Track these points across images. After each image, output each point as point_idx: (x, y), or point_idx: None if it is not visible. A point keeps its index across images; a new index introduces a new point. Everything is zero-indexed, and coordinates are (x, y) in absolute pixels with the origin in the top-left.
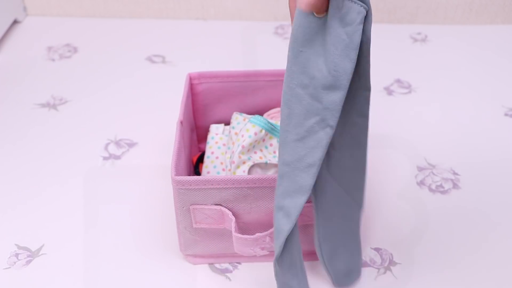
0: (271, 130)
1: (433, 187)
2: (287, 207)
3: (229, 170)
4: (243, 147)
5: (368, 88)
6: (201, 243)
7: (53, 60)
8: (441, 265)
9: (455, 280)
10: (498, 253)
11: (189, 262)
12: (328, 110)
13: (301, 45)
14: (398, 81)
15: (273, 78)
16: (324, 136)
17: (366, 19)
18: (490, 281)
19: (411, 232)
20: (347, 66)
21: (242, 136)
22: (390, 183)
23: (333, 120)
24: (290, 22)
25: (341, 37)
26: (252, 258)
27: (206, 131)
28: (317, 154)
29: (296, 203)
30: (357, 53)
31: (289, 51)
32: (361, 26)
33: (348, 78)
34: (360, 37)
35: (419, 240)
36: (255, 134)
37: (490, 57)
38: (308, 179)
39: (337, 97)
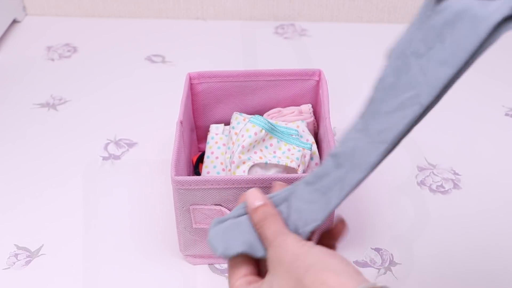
0: (271, 130)
1: (434, 187)
2: (344, 178)
3: (229, 170)
4: (243, 147)
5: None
6: (201, 243)
7: (52, 60)
8: (441, 265)
9: (456, 280)
10: (498, 253)
11: (188, 263)
12: (426, 85)
13: (432, 9)
14: None
15: (273, 78)
16: (409, 114)
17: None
18: (490, 280)
19: (411, 233)
20: (471, 42)
21: (242, 136)
22: (391, 183)
23: (426, 98)
24: (290, 22)
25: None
26: None
27: (206, 131)
28: (392, 133)
29: (352, 178)
30: (486, 35)
31: (416, 15)
32: (502, 15)
33: (466, 56)
34: (498, 22)
35: (419, 240)
36: (255, 134)
37: (490, 57)
38: (374, 155)
39: (444, 74)
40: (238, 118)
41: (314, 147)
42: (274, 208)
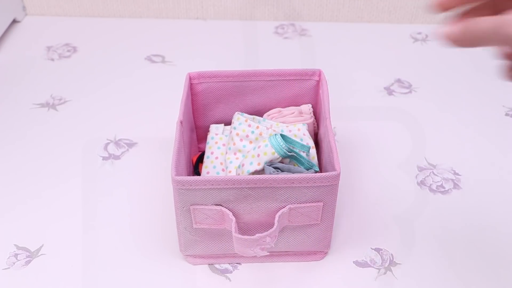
0: (288, 156)
1: (434, 187)
2: None
3: (229, 171)
4: (258, 164)
5: None
6: (201, 243)
7: (52, 59)
8: (441, 265)
9: (455, 280)
10: (499, 252)
11: (189, 263)
12: None
13: None
14: (399, 81)
15: (273, 78)
16: None
17: None
18: (490, 280)
19: (411, 232)
20: None
21: (258, 155)
22: (391, 183)
23: None
24: (290, 21)
25: None
26: (252, 258)
27: (206, 131)
28: None
29: None
30: None
31: None
32: None
33: None
34: None
35: (419, 240)
36: (272, 154)
37: (491, 57)
38: None
39: None
40: (240, 119)
41: (313, 151)
42: None
